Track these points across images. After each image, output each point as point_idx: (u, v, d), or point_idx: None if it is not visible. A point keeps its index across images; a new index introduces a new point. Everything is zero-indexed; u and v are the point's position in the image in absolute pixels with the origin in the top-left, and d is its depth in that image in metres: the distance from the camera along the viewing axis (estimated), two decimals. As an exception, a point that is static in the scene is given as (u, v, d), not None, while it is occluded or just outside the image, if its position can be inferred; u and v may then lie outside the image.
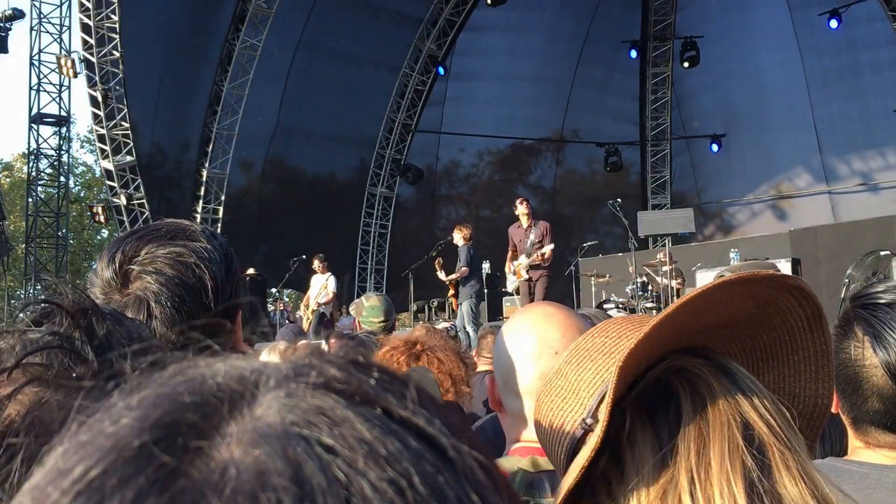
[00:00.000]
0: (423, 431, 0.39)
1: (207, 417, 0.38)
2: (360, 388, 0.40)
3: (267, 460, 0.36)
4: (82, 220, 33.99)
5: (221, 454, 0.37)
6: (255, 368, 0.42)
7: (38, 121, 21.40)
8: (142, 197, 18.94)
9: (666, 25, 24.22)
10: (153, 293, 1.51)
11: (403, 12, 22.83)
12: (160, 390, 0.40)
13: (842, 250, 15.09)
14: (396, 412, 0.40)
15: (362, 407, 0.39)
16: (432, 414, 0.41)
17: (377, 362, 0.44)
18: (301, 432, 0.37)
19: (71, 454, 0.38)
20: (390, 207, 24.01)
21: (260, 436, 0.37)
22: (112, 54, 17.85)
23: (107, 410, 0.40)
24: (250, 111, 20.48)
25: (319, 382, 0.40)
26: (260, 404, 0.39)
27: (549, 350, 1.79)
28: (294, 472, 0.35)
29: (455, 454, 0.39)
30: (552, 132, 25.17)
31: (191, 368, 0.42)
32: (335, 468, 0.36)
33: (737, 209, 24.84)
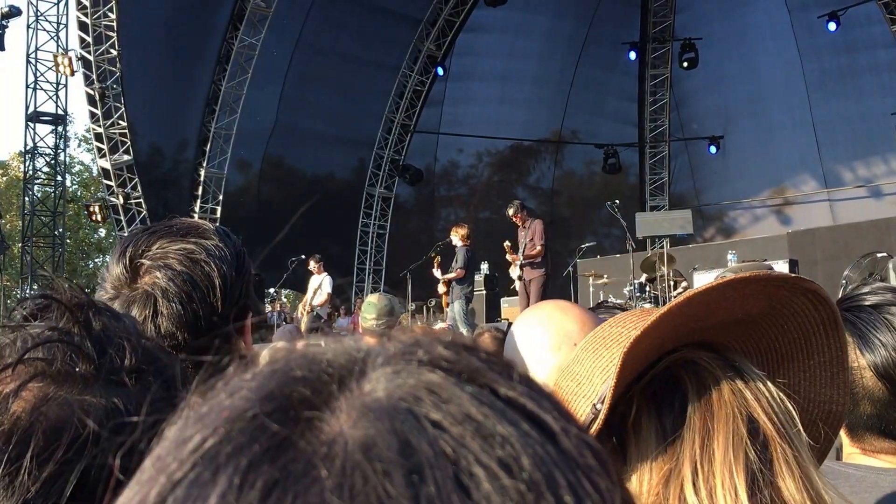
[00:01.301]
0: (531, 412, 0.39)
1: (318, 392, 0.39)
2: (467, 367, 0.40)
3: (375, 434, 0.36)
4: (79, 220, 33.92)
5: (331, 427, 0.37)
6: (364, 348, 0.42)
7: (34, 119, 21.36)
8: (139, 196, 18.88)
9: (665, 27, 24.23)
10: (161, 289, 1.51)
11: (402, 12, 22.81)
12: (274, 366, 0.42)
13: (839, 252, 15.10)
14: (504, 392, 0.40)
15: (469, 385, 0.39)
16: (540, 396, 0.41)
17: (483, 346, 0.44)
18: (409, 407, 0.38)
19: (190, 425, 0.40)
20: (389, 208, 24.00)
21: (368, 410, 0.38)
22: (109, 52, 17.80)
23: (225, 385, 0.42)
24: (248, 110, 20.45)
25: (426, 360, 0.40)
26: (369, 380, 0.40)
27: (569, 341, 1.74)
28: (402, 446, 0.36)
29: (564, 437, 0.39)
30: (551, 133, 25.18)
31: (304, 347, 0.43)
32: (443, 443, 0.36)
33: (735, 211, 24.86)
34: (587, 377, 1.14)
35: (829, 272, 14.63)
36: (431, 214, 25.00)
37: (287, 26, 20.78)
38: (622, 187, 24.00)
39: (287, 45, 21.23)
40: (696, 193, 25.05)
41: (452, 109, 24.20)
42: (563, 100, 24.55)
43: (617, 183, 24.05)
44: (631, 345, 1.02)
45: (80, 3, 17.62)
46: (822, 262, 15.67)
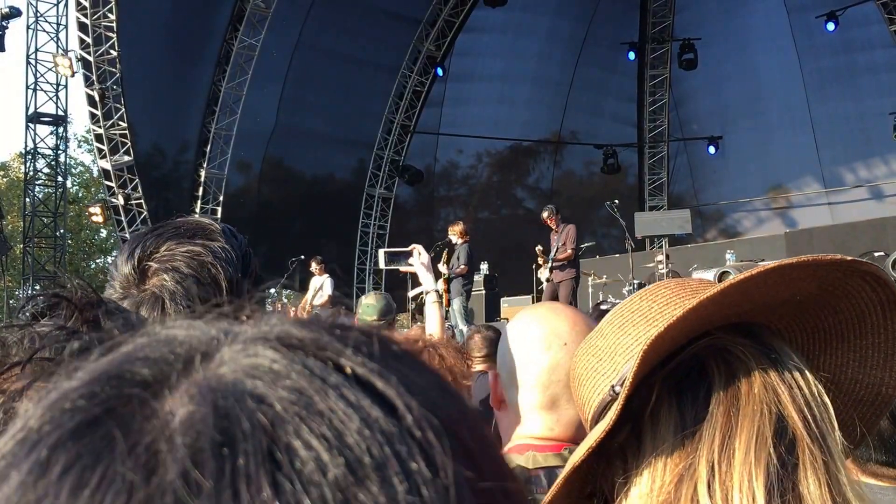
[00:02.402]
0: (374, 388, 0.39)
1: (160, 371, 0.39)
2: (316, 345, 0.40)
3: (197, 410, 0.36)
4: (80, 220, 33.96)
5: (161, 406, 0.37)
6: (225, 328, 0.42)
7: (34, 120, 21.38)
8: (140, 197, 18.91)
9: (664, 27, 24.27)
10: (169, 291, 1.55)
11: (402, 13, 22.84)
12: (125, 348, 0.42)
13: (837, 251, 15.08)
14: (350, 368, 0.39)
15: (311, 360, 0.39)
16: (392, 371, 0.40)
17: (357, 326, 0.44)
18: (238, 384, 0.38)
19: (28, 410, 0.40)
20: (389, 208, 24.03)
21: (200, 389, 0.38)
22: (109, 53, 17.82)
23: (73, 368, 0.42)
24: (248, 111, 20.46)
25: (273, 338, 0.40)
26: (214, 361, 0.40)
27: (559, 341, 1.79)
28: (218, 420, 0.36)
29: (405, 412, 0.38)
30: (550, 134, 25.22)
31: (165, 328, 0.43)
32: (261, 416, 0.36)
33: (733, 211, 24.91)
34: (609, 354, 1.09)
35: (827, 272, 14.69)
36: (431, 215, 25.05)
37: (287, 27, 20.81)
38: (621, 187, 24.04)
39: (287, 46, 21.26)
40: (694, 193, 25.11)
41: (452, 110, 24.23)
42: (563, 100, 24.59)
43: (616, 183, 24.09)
44: (661, 333, 0.96)
45: (80, 4, 17.64)
46: (821, 261, 15.71)
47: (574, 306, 2.08)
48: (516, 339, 1.85)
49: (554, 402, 1.80)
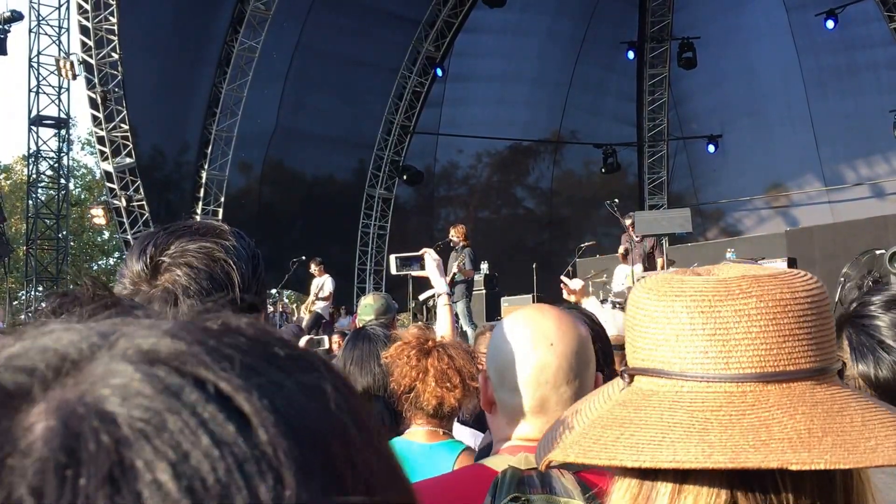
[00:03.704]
0: (232, 405, 0.38)
1: (27, 382, 0.38)
2: (179, 360, 0.39)
3: (49, 428, 0.36)
4: (83, 223, 34.03)
5: (22, 421, 0.37)
6: (107, 333, 0.42)
7: (37, 123, 21.44)
8: (141, 199, 18.99)
9: (663, 27, 24.30)
10: (182, 286, 1.56)
11: (401, 14, 22.88)
12: (3, 353, 0.41)
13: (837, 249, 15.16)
14: (211, 383, 0.38)
15: (172, 377, 0.38)
16: (253, 386, 0.39)
17: (247, 329, 0.44)
18: (92, 402, 0.37)
19: None
20: (389, 209, 24.06)
21: (58, 405, 0.37)
22: (111, 56, 17.89)
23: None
24: (249, 113, 20.51)
25: (140, 355, 0.40)
26: (83, 373, 0.39)
27: (545, 341, 1.82)
28: (65, 441, 0.35)
29: (260, 430, 0.37)
30: (550, 133, 25.25)
31: (49, 332, 0.42)
32: (106, 437, 0.35)
33: (734, 209, 24.91)
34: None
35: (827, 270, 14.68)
36: (431, 215, 25.09)
37: (287, 29, 20.86)
38: (621, 187, 24.07)
39: (287, 48, 21.31)
40: (694, 192, 25.11)
41: (451, 110, 24.26)
42: (562, 100, 24.62)
43: (616, 182, 24.12)
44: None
45: (82, 7, 17.70)
46: (821, 259, 15.73)
47: (557, 307, 2.13)
48: (503, 340, 1.86)
49: (543, 404, 1.81)
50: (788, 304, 0.96)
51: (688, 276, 1.04)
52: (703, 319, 0.97)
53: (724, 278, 1.01)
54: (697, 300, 0.98)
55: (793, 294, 0.97)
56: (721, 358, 0.96)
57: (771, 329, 0.95)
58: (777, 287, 0.97)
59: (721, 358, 0.96)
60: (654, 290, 1.03)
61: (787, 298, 0.96)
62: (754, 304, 0.96)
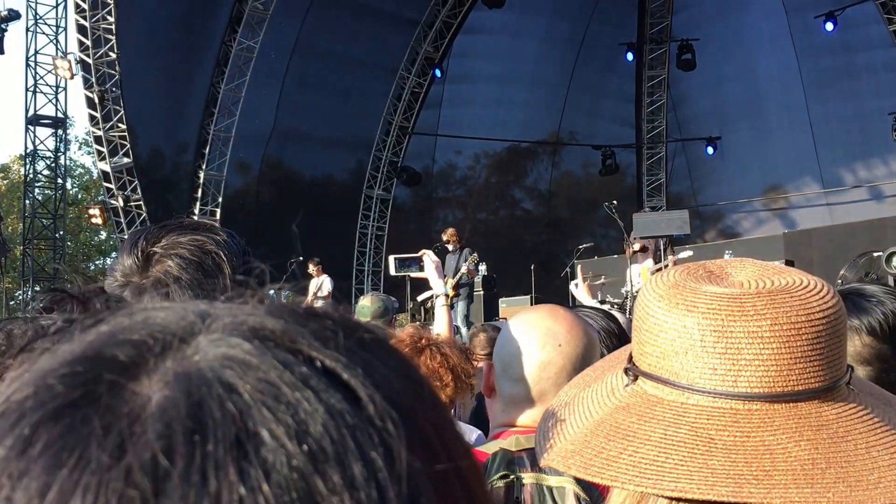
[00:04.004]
0: (340, 379, 0.41)
1: (137, 355, 0.41)
2: (288, 337, 0.42)
3: (171, 396, 0.38)
4: (80, 222, 34.00)
5: (139, 390, 0.39)
6: (202, 313, 0.44)
7: (34, 122, 21.40)
8: (139, 199, 18.93)
9: (662, 28, 24.31)
10: (173, 276, 1.56)
11: (400, 14, 22.87)
12: (106, 327, 0.43)
13: (835, 252, 15.19)
14: (318, 359, 0.41)
15: (283, 353, 0.41)
16: (359, 363, 0.42)
17: (334, 313, 0.47)
18: (211, 373, 0.39)
19: (12, 381, 0.42)
20: (387, 209, 24.05)
21: (176, 376, 0.39)
22: (108, 56, 17.85)
23: (62, 341, 0.43)
24: (247, 113, 20.49)
25: (250, 331, 0.42)
26: (191, 347, 0.41)
27: (554, 342, 1.89)
28: (191, 408, 0.37)
29: (368, 403, 0.40)
30: (548, 135, 25.25)
31: (144, 309, 0.45)
32: (231, 405, 0.38)
33: (732, 211, 24.93)
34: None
35: (825, 272, 14.70)
36: (429, 216, 25.07)
37: (285, 29, 20.84)
38: (619, 188, 24.06)
39: (285, 48, 21.29)
40: (693, 194, 25.13)
41: (450, 111, 24.26)
42: (561, 101, 24.62)
43: (614, 184, 24.11)
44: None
45: (79, 7, 17.66)
46: (819, 262, 15.75)
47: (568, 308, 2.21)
48: (514, 335, 1.94)
49: (541, 396, 1.88)
50: (803, 327, 0.96)
51: (701, 284, 1.03)
52: (714, 338, 0.97)
53: (737, 294, 0.99)
54: (710, 318, 0.97)
55: (808, 316, 0.96)
56: (730, 376, 0.96)
57: (783, 351, 0.95)
58: (793, 308, 0.97)
59: (730, 376, 0.96)
60: (665, 297, 1.02)
61: (802, 321, 0.96)
62: (768, 326, 0.95)
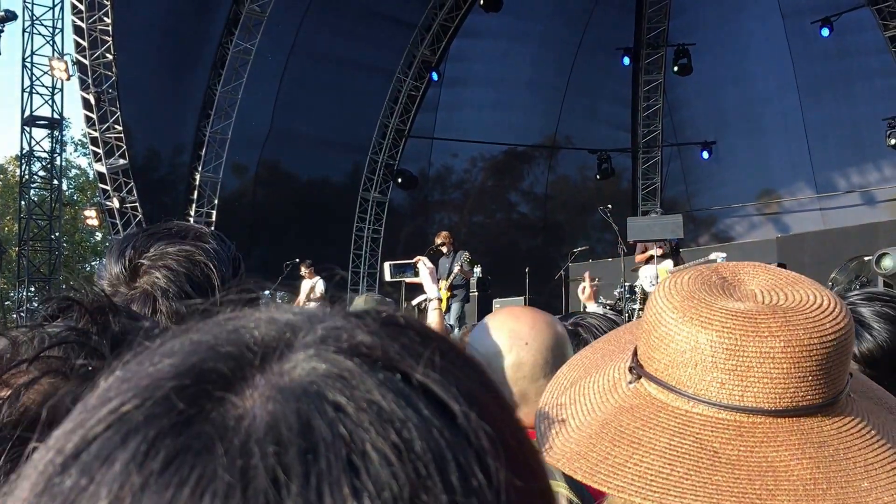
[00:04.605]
0: (437, 397, 0.42)
1: (238, 368, 0.42)
2: (384, 354, 0.43)
3: (279, 413, 0.39)
4: (76, 223, 33.97)
5: (243, 404, 0.40)
6: (294, 324, 0.45)
7: (30, 123, 21.37)
8: (135, 200, 18.94)
9: (659, 33, 24.37)
10: (161, 288, 1.55)
11: (397, 18, 22.90)
12: (201, 337, 0.44)
13: (827, 256, 15.24)
14: (416, 378, 0.42)
15: (382, 371, 0.42)
16: (452, 380, 0.43)
17: (417, 324, 0.47)
18: (317, 391, 0.40)
19: (113, 388, 0.42)
20: (383, 212, 24.07)
21: (279, 391, 0.40)
22: (105, 57, 17.86)
23: (154, 350, 0.44)
24: (244, 115, 20.50)
25: (346, 346, 0.43)
26: (289, 361, 0.42)
27: (520, 342, 1.94)
28: (301, 426, 0.38)
29: (464, 421, 0.41)
30: (545, 138, 25.28)
31: (233, 319, 0.46)
32: (341, 426, 0.38)
33: (726, 216, 24.95)
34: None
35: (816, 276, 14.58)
36: (425, 219, 25.08)
37: (282, 31, 20.86)
38: (615, 192, 24.07)
39: (282, 50, 21.31)
40: (688, 198, 25.14)
41: (447, 114, 24.28)
42: (557, 105, 24.65)
43: (610, 188, 24.14)
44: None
45: (76, 8, 17.67)
46: (811, 265, 15.79)
47: (534, 308, 2.26)
48: (481, 343, 1.97)
49: (523, 396, 1.91)
50: (814, 349, 0.97)
51: (715, 296, 1.04)
52: (725, 356, 0.98)
53: (752, 312, 1.00)
54: (724, 336, 0.98)
55: (821, 339, 0.97)
56: (737, 391, 0.97)
57: (793, 372, 0.96)
58: (806, 331, 0.97)
59: (737, 391, 0.97)
60: (679, 309, 1.03)
61: (815, 343, 0.97)
62: (780, 348, 0.96)
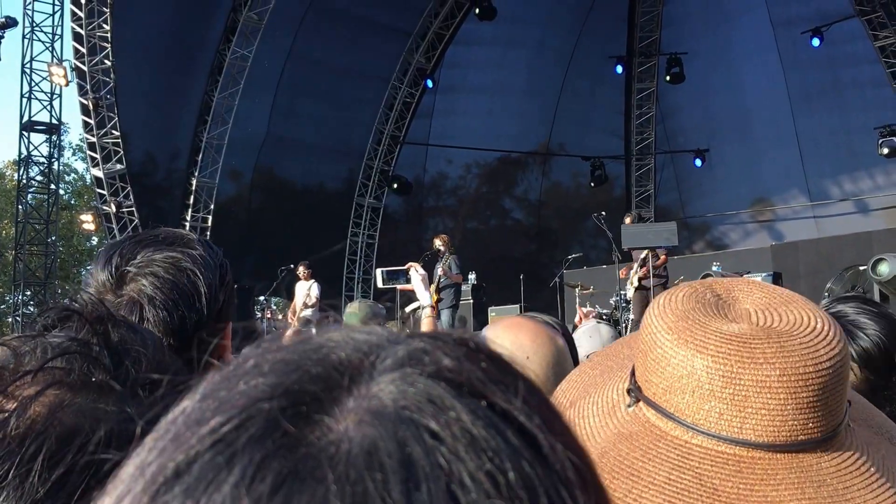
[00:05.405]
0: (522, 426, 0.41)
1: (329, 390, 0.41)
2: (468, 379, 0.42)
3: (378, 439, 0.38)
4: (72, 228, 34.00)
5: (338, 427, 0.39)
6: (376, 345, 0.45)
7: (29, 128, 21.43)
8: (132, 205, 19.00)
9: (651, 42, 24.50)
10: (147, 296, 1.55)
11: (393, 25, 23.00)
12: (289, 356, 0.44)
13: (822, 265, 15.33)
14: (500, 405, 0.42)
15: (469, 398, 0.41)
16: (533, 409, 0.43)
17: (489, 350, 0.47)
18: (411, 416, 0.39)
19: (208, 404, 0.42)
20: (378, 218, 24.12)
21: (373, 415, 0.39)
22: (104, 63, 17.96)
23: (240, 368, 0.44)
24: (240, 121, 20.57)
25: (432, 370, 0.43)
26: (377, 383, 0.42)
27: (521, 354, 1.85)
28: (401, 454, 0.38)
29: (550, 451, 0.41)
30: (538, 146, 25.36)
31: (315, 339, 0.46)
32: (439, 455, 0.38)
33: (720, 223, 25.02)
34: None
35: (811, 285, 14.85)
36: (420, 225, 25.14)
37: (279, 39, 20.95)
38: (608, 199, 24.17)
39: (279, 57, 21.39)
40: (681, 205, 25.22)
41: (441, 121, 24.36)
42: (551, 112, 24.75)
43: (603, 195, 24.23)
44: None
45: (75, 15, 17.77)
46: (805, 274, 15.90)
47: (534, 319, 2.23)
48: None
49: None
50: (811, 378, 0.96)
51: (710, 318, 1.03)
52: (722, 384, 0.97)
53: (747, 337, 0.99)
54: (719, 362, 0.97)
55: (816, 366, 0.96)
56: (736, 422, 0.97)
57: (790, 402, 0.95)
58: (801, 359, 0.97)
59: (736, 422, 0.97)
60: (674, 331, 1.02)
61: (810, 371, 0.96)
62: (776, 376, 0.95)
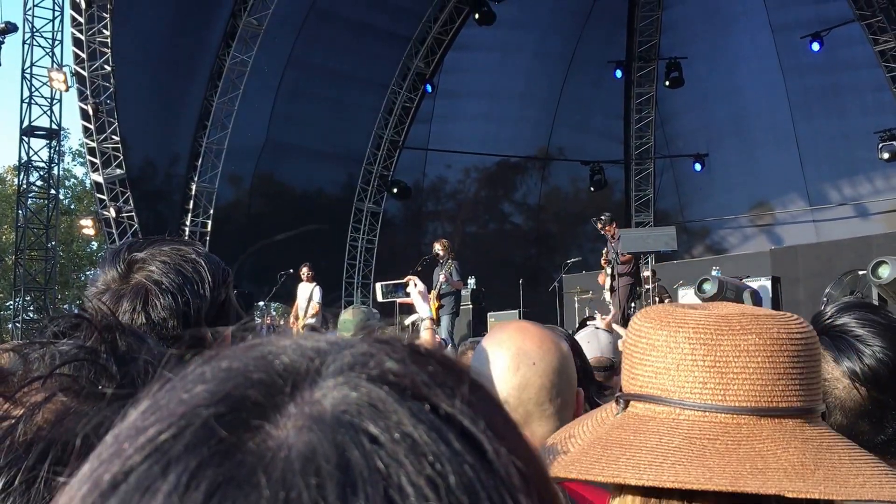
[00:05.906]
0: (466, 430, 0.41)
1: (270, 396, 0.41)
2: (413, 382, 0.42)
3: (317, 444, 0.38)
4: (72, 232, 34.01)
5: (278, 433, 0.39)
6: (321, 351, 0.45)
7: (29, 133, 21.45)
8: (131, 210, 19.02)
9: (650, 47, 24.52)
10: (154, 281, 1.62)
11: (392, 31, 23.02)
12: (232, 364, 0.43)
13: (821, 269, 15.32)
14: (444, 409, 0.41)
15: (412, 402, 0.41)
16: (478, 413, 0.42)
17: (439, 353, 0.47)
18: (351, 420, 0.39)
19: (149, 414, 0.42)
20: (377, 223, 24.13)
21: (313, 420, 0.39)
22: (104, 68, 17.98)
23: (184, 377, 0.44)
24: (240, 126, 20.58)
25: (376, 374, 0.42)
26: (319, 388, 0.41)
27: (527, 361, 1.84)
28: (339, 459, 0.38)
29: (494, 456, 0.41)
30: (538, 150, 25.38)
31: (262, 345, 0.45)
32: (378, 459, 0.38)
33: (719, 227, 25.03)
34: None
35: (810, 289, 14.87)
36: (419, 229, 25.16)
37: (279, 44, 20.98)
38: (608, 204, 24.14)
39: (278, 62, 21.41)
40: (680, 210, 25.22)
41: (440, 126, 24.38)
42: (550, 117, 24.78)
43: (602, 199, 24.22)
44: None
45: (75, 20, 17.79)
46: (804, 279, 15.89)
47: (539, 324, 2.20)
48: (485, 360, 1.87)
49: (526, 418, 1.83)
50: (785, 344, 1.02)
51: (688, 310, 1.09)
52: (703, 351, 1.02)
53: (724, 314, 1.05)
54: (700, 332, 1.03)
55: (789, 335, 1.03)
56: (719, 390, 1.01)
57: (767, 366, 1.01)
58: (775, 326, 1.03)
59: (719, 390, 1.01)
60: (656, 319, 1.08)
61: (784, 338, 1.02)
62: (754, 340, 1.01)
